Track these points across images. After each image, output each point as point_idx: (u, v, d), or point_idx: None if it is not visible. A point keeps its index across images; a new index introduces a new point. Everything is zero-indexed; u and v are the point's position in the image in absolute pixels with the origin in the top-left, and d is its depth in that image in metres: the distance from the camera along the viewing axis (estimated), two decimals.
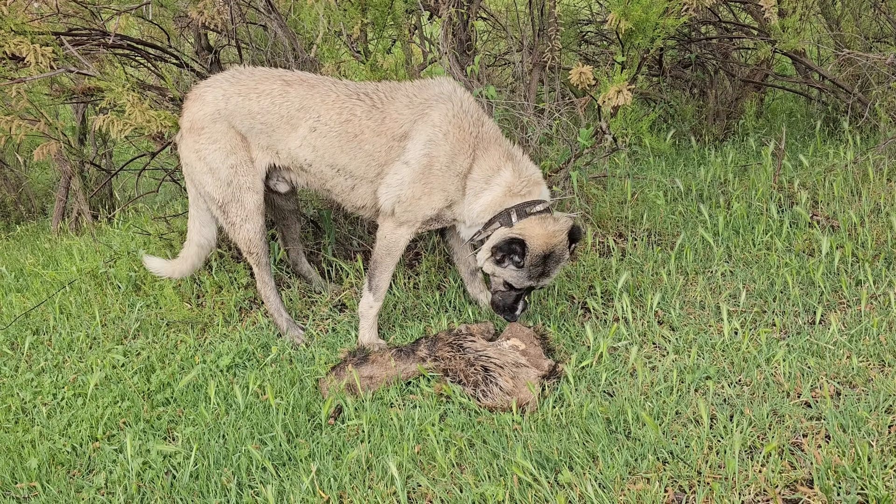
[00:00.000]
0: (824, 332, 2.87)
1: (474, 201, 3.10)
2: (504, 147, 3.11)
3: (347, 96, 3.17)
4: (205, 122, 3.27)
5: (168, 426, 2.90)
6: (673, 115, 6.08)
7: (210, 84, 3.35)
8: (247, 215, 3.34)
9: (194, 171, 3.35)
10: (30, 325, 3.98)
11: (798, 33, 4.77)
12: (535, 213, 3.02)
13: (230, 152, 3.27)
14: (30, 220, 7.07)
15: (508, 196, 3.05)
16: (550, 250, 3.00)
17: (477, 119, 3.10)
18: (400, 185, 3.12)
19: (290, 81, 3.24)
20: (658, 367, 2.78)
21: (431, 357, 2.92)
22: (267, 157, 3.30)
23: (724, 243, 3.70)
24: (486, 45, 6.52)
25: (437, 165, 3.06)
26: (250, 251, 3.40)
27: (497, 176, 3.06)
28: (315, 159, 3.21)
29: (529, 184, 3.07)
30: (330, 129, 3.15)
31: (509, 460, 2.32)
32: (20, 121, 3.82)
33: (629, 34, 3.63)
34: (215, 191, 3.32)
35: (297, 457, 2.55)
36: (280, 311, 3.47)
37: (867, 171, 4.23)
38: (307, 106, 3.17)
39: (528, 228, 2.99)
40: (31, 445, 2.87)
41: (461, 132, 3.05)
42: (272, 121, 3.21)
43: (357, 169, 3.18)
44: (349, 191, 3.25)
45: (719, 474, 2.18)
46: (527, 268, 3.01)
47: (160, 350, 3.51)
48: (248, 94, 3.23)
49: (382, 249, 3.25)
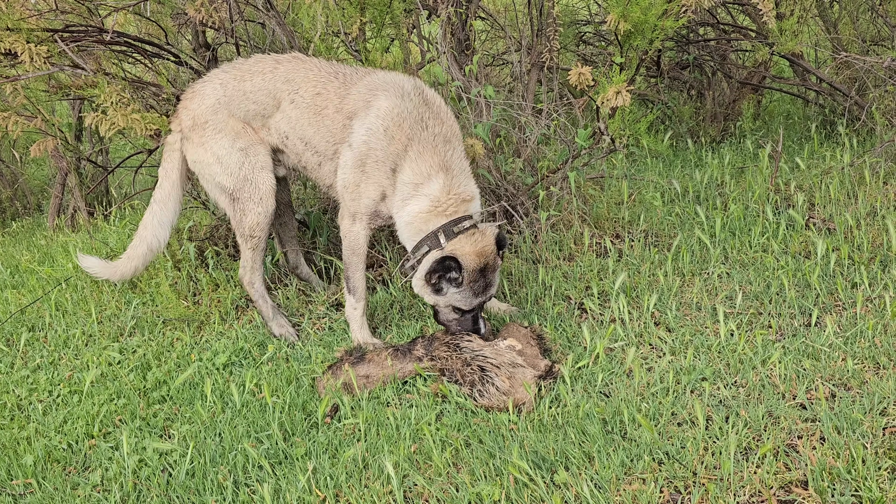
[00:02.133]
0: (820, 334, 2.88)
1: (403, 207, 3.06)
2: (441, 157, 3.03)
3: (327, 73, 3.22)
4: (207, 115, 3.30)
5: (164, 424, 2.90)
6: (670, 116, 6.09)
7: (205, 80, 3.40)
8: (261, 197, 3.32)
9: (203, 165, 3.35)
10: (25, 322, 3.97)
11: (796, 36, 4.78)
12: (462, 232, 2.98)
13: (237, 136, 3.30)
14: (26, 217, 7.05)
15: (434, 215, 3.01)
16: (484, 263, 2.98)
17: (420, 120, 3.05)
18: (345, 167, 3.14)
19: (280, 60, 3.32)
20: (654, 368, 2.79)
21: (428, 356, 2.92)
22: (266, 136, 3.33)
23: (721, 245, 3.70)
24: (485, 45, 6.53)
25: (373, 157, 3.07)
26: (252, 235, 3.36)
27: (426, 185, 3.01)
28: (290, 131, 3.25)
29: (457, 202, 3.02)
30: (303, 101, 3.20)
31: (505, 460, 2.33)
32: (17, 117, 3.81)
33: (628, 35, 3.64)
34: (226, 179, 3.31)
35: (293, 455, 2.56)
36: (266, 298, 3.45)
37: (864, 174, 4.24)
38: (291, 78, 3.23)
39: (459, 247, 2.96)
40: (26, 442, 2.87)
41: (400, 130, 3.03)
42: (262, 98, 3.26)
43: (319, 144, 3.21)
44: (317, 167, 3.28)
45: (715, 475, 2.18)
46: (467, 284, 2.97)
47: (156, 348, 3.50)
48: (243, 76, 3.30)
49: (347, 249, 3.26)
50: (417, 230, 3.05)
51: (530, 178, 4.11)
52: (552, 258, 3.79)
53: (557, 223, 4.04)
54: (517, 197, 4.02)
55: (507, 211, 4.02)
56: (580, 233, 3.95)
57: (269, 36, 4.16)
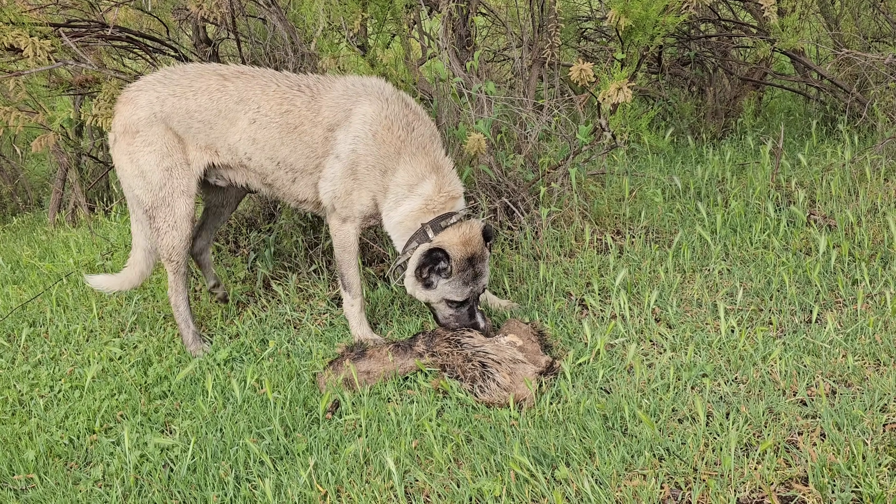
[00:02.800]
0: (820, 330, 2.88)
1: (395, 208, 3.08)
2: (431, 157, 3.08)
3: (289, 87, 3.13)
4: (140, 126, 3.18)
5: (165, 419, 2.91)
6: (671, 112, 6.09)
7: (141, 87, 3.24)
8: (175, 222, 3.25)
9: (125, 175, 3.26)
10: (26, 317, 3.97)
11: (797, 32, 4.77)
12: (449, 226, 3.02)
13: (165, 155, 3.19)
14: (26, 212, 7.05)
15: (424, 212, 3.05)
16: (472, 253, 3.01)
17: (407, 123, 3.06)
18: (333, 179, 3.11)
19: (226, 76, 3.17)
20: (655, 365, 2.79)
21: (429, 352, 2.92)
22: (205, 156, 3.23)
23: (722, 241, 3.70)
24: (486, 41, 6.52)
25: (364, 164, 3.06)
26: (171, 258, 3.31)
27: (420, 186, 3.05)
28: (255, 152, 3.15)
29: (447, 199, 3.06)
30: (270, 121, 3.10)
31: (506, 456, 2.33)
32: (18, 112, 3.81)
33: (629, 31, 3.63)
34: (145, 195, 3.23)
35: (294, 451, 2.56)
36: (188, 322, 3.40)
37: (864, 171, 4.24)
38: (246, 98, 3.11)
39: (446, 238, 3.01)
40: (28, 437, 2.87)
41: (390, 133, 3.03)
42: (210, 117, 3.14)
43: (297, 161, 3.14)
44: (290, 184, 3.20)
45: (715, 471, 2.19)
46: (457, 275, 3.00)
47: (157, 343, 3.51)
48: (184, 93, 3.15)
49: (338, 248, 3.26)
50: (408, 229, 3.08)
51: (531, 175, 4.11)
52: (553, 254, 3.79)
53: (558, 219, 4.04)
54: (518, 193, 4.02)
55: (508, 207, 4.02)
56: (581, 229, 3.95)
57: (270, 32, 4.16)
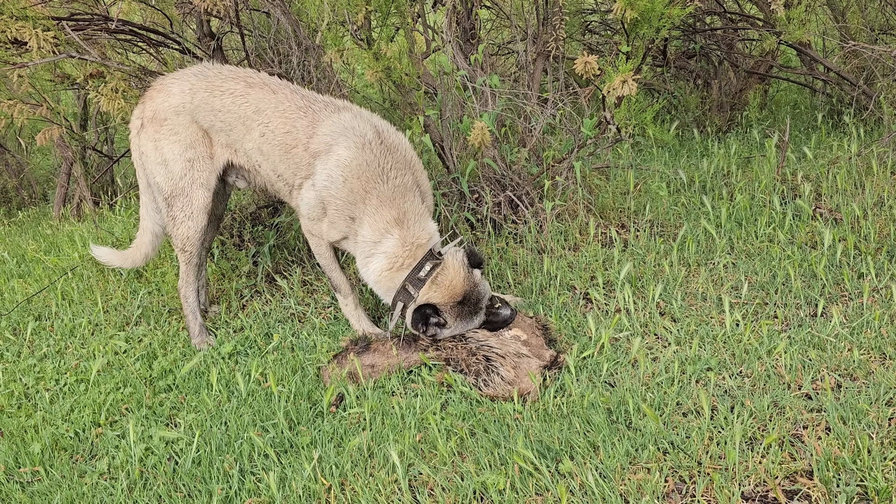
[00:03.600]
0: (826, 324, 2.87)
1: (367, 265, 3.07)
2: (398, 210, 3.00)
3: (297, 108, 3.18)
4: (168, 114, 3.28)
5: (170, 412, 2.91)
6: (677, 105, 6.06)
7: (177, 77, 3.36)
8: (192, 212, 3.33)
9: (148, 161, 3.35)
10: (32, 311, 3.98)
11: (803, 25, 4.74)
12: (427, 279, 2.96)
13: (189, 146, 3.28)
14: (31, 206, 7.07)
15: (395, 271, 3.00)
16: (462, 294, 2.95)
17: (381, 173, 3.01)
18: (307, 200, 3.14)
19: (252, 84, 3.26)
20: (659, 358, 2.78)
21: (433, 346, 2.92)
22: (226, 153, 3.32)
23: (727, 235, 3.69)
24: (490, 34, 6.50)
25: (333, 206, 3.08)
26: (184, 248, 3.39)
27: (383, 242, 3.01)
28: (263, 162, 3.26)
29: (413, 249, 2.99)
30: (275, 138, 3.19)
31: (510, 449, 2.33)
32: (22, 105, 3.81)
33: (634, 24, 3.61)
34: (165, 183, 3.32)
35: (298, 444, 2.57)
36: (196, 314, 3.44)
37: (871, 164, 4.22)
38: (262, 109, 3.20)
39: (430, 293, 2.95)
40: (34, 430, 2.89)
41: (358, 182, 3.01)
42: (231, 120, 3.24)
43: (290, 178, 3.22)
44: (287, 194, 3.30)
45: (720, 465, 2.19)
46: (454, 320, 2.97)
47: (162, 337, 3.51)
48: (213, 90, 3.25)
49: (315, 255, 3.32)
50: (388, 288, 3.06)
51: (535, 168, 4.10)
52: (557, 248, 3.78)
53: (563, 213, 4.03)
54: (522, 187, 4.01)
55: (512, 201, 4.02)
56: (585, 223, 3.94)
57: (274, 25, 4.15)
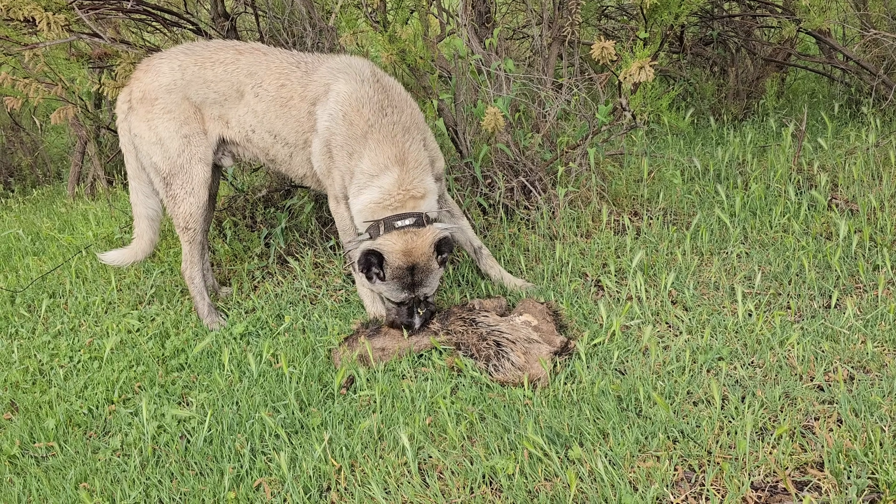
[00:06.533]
0: (839, 316, 2.85)
1: (357, 195, 3.00)
2: (398, 148, 2.96)
3: (289, 63, 3.20)
4: (159, 93, 3.27)
5: (182, 391, 2.94)
6: (692, 93, 6.00)
7: (165, 56, 3.35)
8: (193, 188, 3.33)
9: (142, 142, 3.33)
10: (46, 289, 4.02)
11: (823, 12, 4.67)
12: (401, 228, 2.91)
13: (183, 122, 3.28)
14: (46, 185, 7.11)
15: (382, 207, 2.95)
16: (412, 263, 2.91)
17: (380, 108, 2.99)
18: (316, 154, 3.14)
19: (242, 50, 3.29)
20: (671, 347, 2.78)
21: (444, 330, 2.93)
22: (218, 127, 3.32)
23: (741, 224, 3.67)
24: (506, 18, 6.44)
25: (335, 143, 3.05)
26: (188, 226, 3.37)
27: (381, 176, 2.95)
28: (257, 125, 3.23)
29: (406, 197, 2.94)
30: (267, 94, 3.18)
31: (520, 434, 2.34)
32: (37, 84, 3.82)
33: (653, 9, 3.58)
34: (162, 162, 3.31)
35: (309, 425, 2.58)
36: (203, 294, 3.44)
37: (889, 155, 4.17)
38: (254, 72, 3.21)
39: (388, 243, 2.91)
40: (48, 406, 2.92)
41: (358, 115, 2.98)
42: (223, 88, 3.24)
43: (289, 135, 3.20)
44: (288, 159, 3.26)
45: (729, 454, 2.18)
46: (391, 280, 2.94)
47: (175, 316, 3.54)
48: (203, 63, 3.26)
49: (340, 229, 3.29)
50: (365, 220, 3.01)
51: (549, 154, 4.08)
52: (569, 234, 3.77)
53: (575, 199, 4.01)
54: (535, 172, 3.99)
55: (525, 186, 4.00)
56: (598, 210, 3.93)
57: (289, 6, 4.13)
